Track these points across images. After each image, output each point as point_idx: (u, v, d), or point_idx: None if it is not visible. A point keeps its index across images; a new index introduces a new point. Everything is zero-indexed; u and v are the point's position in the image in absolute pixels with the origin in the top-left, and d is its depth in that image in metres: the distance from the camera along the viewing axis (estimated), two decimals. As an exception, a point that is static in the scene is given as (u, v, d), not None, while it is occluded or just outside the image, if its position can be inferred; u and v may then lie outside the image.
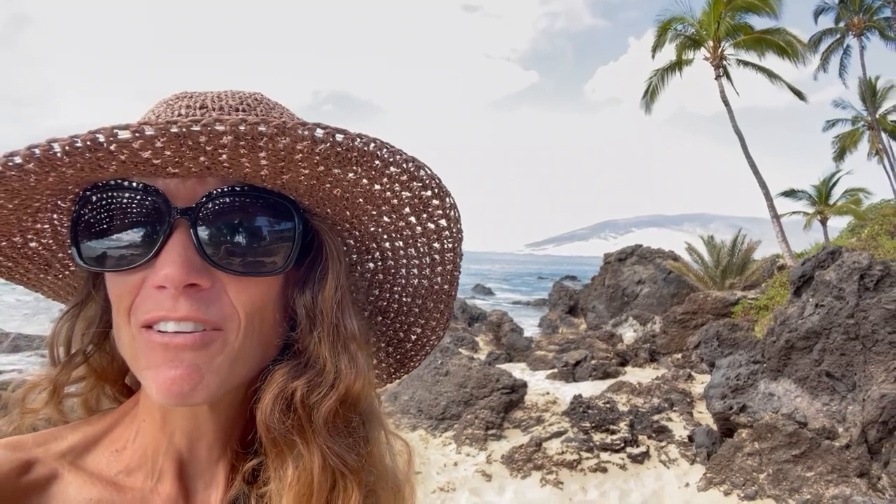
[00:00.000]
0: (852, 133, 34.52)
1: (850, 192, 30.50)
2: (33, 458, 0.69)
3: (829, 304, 6.76)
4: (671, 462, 7.82)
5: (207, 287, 0.67)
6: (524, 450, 7.93)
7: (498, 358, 15.37)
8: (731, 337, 11.45)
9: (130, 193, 0.67)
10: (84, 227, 0.68)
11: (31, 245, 0.79)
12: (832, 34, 30.67)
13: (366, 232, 0.80)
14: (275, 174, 0.65)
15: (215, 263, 0.67)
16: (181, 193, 0.67)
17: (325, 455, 0.72)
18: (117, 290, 0.69)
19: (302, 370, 0.73)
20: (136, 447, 0.74)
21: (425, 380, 10.00)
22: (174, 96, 0.75)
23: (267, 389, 0.72)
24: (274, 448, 0.72)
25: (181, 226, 0.66)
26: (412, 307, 0.90)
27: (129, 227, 0.67)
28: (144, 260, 0.66)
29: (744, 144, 22.19)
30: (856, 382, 6.34)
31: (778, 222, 21.92)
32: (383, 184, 0.69)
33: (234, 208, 0.68)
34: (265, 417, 0.71)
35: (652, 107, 24.96)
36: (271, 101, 0.78)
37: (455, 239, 0.79)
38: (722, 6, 21.86)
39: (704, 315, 15.14)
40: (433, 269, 0.84)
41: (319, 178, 0.66)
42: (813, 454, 6.23)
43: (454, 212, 0.76)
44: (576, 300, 26.61)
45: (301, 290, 0.76)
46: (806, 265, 7.66)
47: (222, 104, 0.72)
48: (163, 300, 0.65)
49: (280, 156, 0.61)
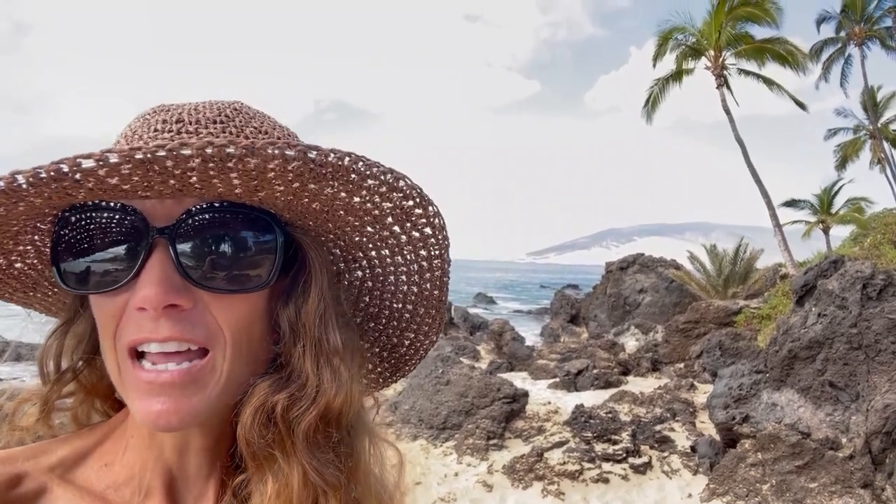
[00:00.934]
0: (854, 142, 34.56)
1: (853, 200, 30.46)
2: (23, 471, 0.68)
3: (832, 314, 6.73)
4: (674, 473, 7.78)
5: (189, 307, 0.66)
6: (525, 460, 7.89)
7: (499, 367, 15.33)
8: (734, 346, 11.40)
9: (109, 213, 0.66)
10: (64, 249, 0.68)
11: (17, 266, 0.78)
12: (833, 43, 30.75)
13: (351, 242, 0.79)
14: (249, 192, 0.64)
15: (196, 282, 0.66)
16: (159, 212, 0.66)
17: (306, 470, 0.71)
18: (102, 314, 0.69)
19: (284, 384, 0.72)
20: (124, 462, 0.74)
21: (426, 389, 9.96)
22: (152, 110, 0.74)
23: (248, 403, 0.71)
24: (254, 462, 0.72)
25: (160, 245, 0.65)
26: (403, 313, 0.90)
27: (108, 247, 0.66)
28: (124, 281, 0.65)
29: (745, 153, 22.21)
30: (859, 392, 6.30)
31: (780, 231, 21.90)
32: (363, 196, 0.68)
33: (213, 225, 0.67)
34: (245, 431, 0.70)
35: (653, 116, 25.01)
36: (251, 111, 0.76)
37: (441, 246, 0.79)
38: (723, 16, 21.94)
39: (707, 324, 15.10)
40: (422, 275, 0.83)
41: (296, 194, 0.65)
42: (816, 465, 6.19)
43: (438, 220, 0.75)
44: (577, 309, 26.58)
45: (285, 303, 0.75)
46: (808, 274, 7.64)
47: (199, 117, 0.71)
48: (144, 322, 0.64)
49: (252, 175, 0.60)
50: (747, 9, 21.69)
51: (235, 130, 0.71)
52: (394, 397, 10.48)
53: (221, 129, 0.70)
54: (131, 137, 0.71)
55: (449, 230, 0.78)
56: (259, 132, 0.73)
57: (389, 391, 11.42)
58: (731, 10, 21.84)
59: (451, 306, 27.33)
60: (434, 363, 11.01)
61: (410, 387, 10.41)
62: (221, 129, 0.70)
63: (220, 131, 0.70)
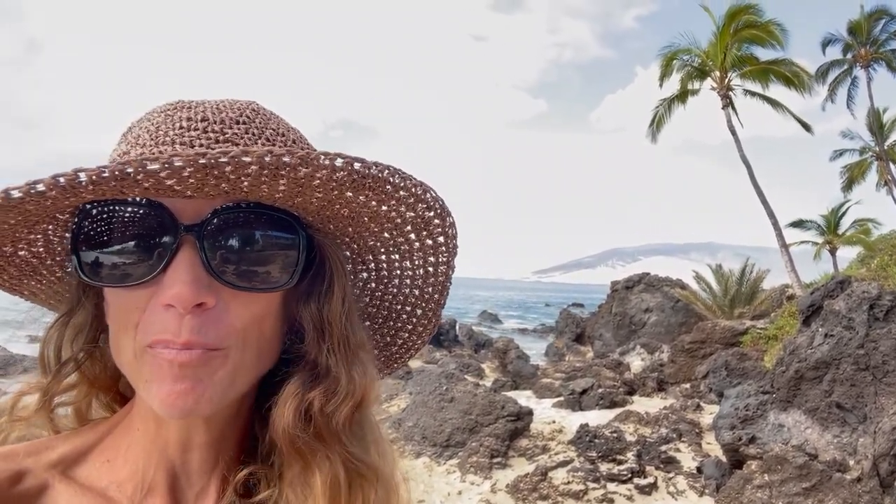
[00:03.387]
0: (860, 163, 34.51)
1: (860, 222, 30.33)
2: (24, 468, 0.68)
3: (839, 334, 6.69)
4: (679, 494, 7.69)
5: (212, 305, 0.67)
6: (529, 479, 7.83)
7: (504, 385, 15.24)
8: (740, 367, 11.32)
9: (134, 208, 0.67)
10: (85, 240, 0.68)
11: (21, 254, 0.78)
12: (840, 65, 30.85)
13: (364, 245, 0.81)
14: (289, 197, 0.66)
15: (222, 280, 0.67)
16: (187, 210, 0.67)
17: (348, 459, 0.74)
18: (123, 306, 0.69)
19: (316, 381, 0.75)
20: (127, 458, 0.74)
21: (430, 406, 9.91)
22: (171, 106, 0.74)
23: (285, 403, 0.73)
24: (300, 459, 0.73)
25: (188, 243, 0.66)
26: (401, 314, 0.92)
27: (134, 242, 0.67)
28: (150, 277, 0.66)
29: (751, 174, 22.21)
30: (867, 414, 6.24)
31: (787, 252, 21.81)
32: (391, 205, 0.71)
33: (239, 225, 0.68)
34: (288, 428, 0.72)
35: (658, 136, 25.07)
36: (267, 112, 0.78)
37: (450, 253, 0.82)
38: (728, 37, 22.09)
39: (713, 344, 15.00)
40: (426, 280, 0.86)
41: (331, 201, 0.68)
42: (823, 487, 6.11)
43: (453, 229, 0.78)
44: (582, 328, 26.44)
45: (306, 302, 0.76)
46: (815, 295, 7.61)
47: (223, 116, 0.72)
48: (169, 320, 0.65)
49: (299, 182, 0.63)
50: (752, 31, 21.84)
51: (257, 132, 0.73)
52: (397, 414, 10.42)
53: (244, 131, 0.72)
54: (154, 133, 0.71)
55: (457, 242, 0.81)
56: (277, 134, 0.75)
57: (393, 408, 11.36)
58: (737, 32, 21.99)
59: (455, 323, 27.24)
60: (438, 380, 10.96)
61: (414, 403, 10.37)
62: (244, 131, 0.72)
63: (243, 132, 0.72)
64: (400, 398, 11.60)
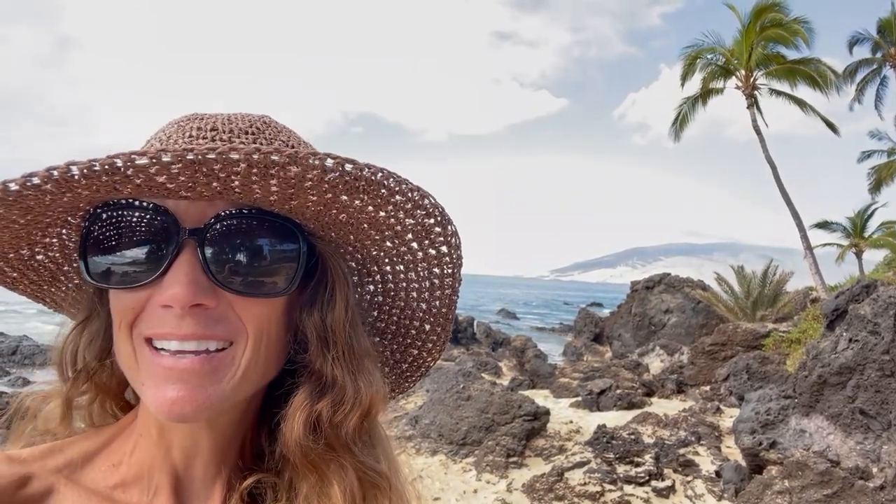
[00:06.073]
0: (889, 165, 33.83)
1: (887, 224, 29.74)
2: (31, 472, 0.69)
3: (864, 339, 6.57)
4: (697, 497, 7.61)
5: (213, 306, 0.68)
6: (545, 479, 7.80)
7: (521, 384, 15.21)
8: (762, 370, 11.17)
9: (140, 213, 0.68)
10: (93, 243, 0.70)
11: (38, 258, 0.81)
12: (868, 65, 30.26)
13: (368, 255, 0.82)
14: (284, 199, 0.66)
15: (221, 284, 0.68)
16: (190, 214, 0.68)
17: (359, 469, 0.75)
18: (121, 306, 0.70)
19: (322, 392, 0.75)
20: (132, 462, 0.75)
21: (447, 404, 9.92)
22: (185, 118, 0.76)
23: (294, 415, 0.73)
24: (314, 471, 0.74)
25: (189, 246, 0.67)
26: (410, 329, 0.92)
27: (137, 245, 0.69)
28: (151, 278, 0.67)
29: (776, 174, 21.88)
30: (891, 421, 6.12)
31: (811, 254, 21.46)
32: (388, 210, 0.70)
33: (241, 230, 0.69)
34: (300, 441, 0.72)
35: (681, 134, 24.83)
36: (278, 125, 0.79)
37: (455, 265, 0.81)
38: (754, 35, 21.76)
39: (734, 347, 14.82)
40: (432, 292, 0.86)
41: (326, 205, 0.68)
42: (845, 494, 6.01)
43: (455, 239, 0.78)
44: (601, 328, 26.28)
45: (309, 311, 0.77)
46: (840, 298, 7.47)
47: (232, 127, 0.74)
48: (167, 319, 0.67)
49: (290, 183, 0.63)
50: (778, 30, 21.49)
51: (265, 142, 0.74)
52: (414, 411, 10.45)
53: (252, 140, 0.73)
54: (166, 142, 0.73)
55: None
56: (287, 145, 0.75)
57: (410, 405, 11.40)
58: (763, 31, 21.65)
59: (473, 321, 27.21)
60: (455, 378, 10.97)
61: (431, 401, 10.39)
62: (252, 140, 0.73)
63: (251, 142, 0.72)
64: (417, 395, 11.64)
